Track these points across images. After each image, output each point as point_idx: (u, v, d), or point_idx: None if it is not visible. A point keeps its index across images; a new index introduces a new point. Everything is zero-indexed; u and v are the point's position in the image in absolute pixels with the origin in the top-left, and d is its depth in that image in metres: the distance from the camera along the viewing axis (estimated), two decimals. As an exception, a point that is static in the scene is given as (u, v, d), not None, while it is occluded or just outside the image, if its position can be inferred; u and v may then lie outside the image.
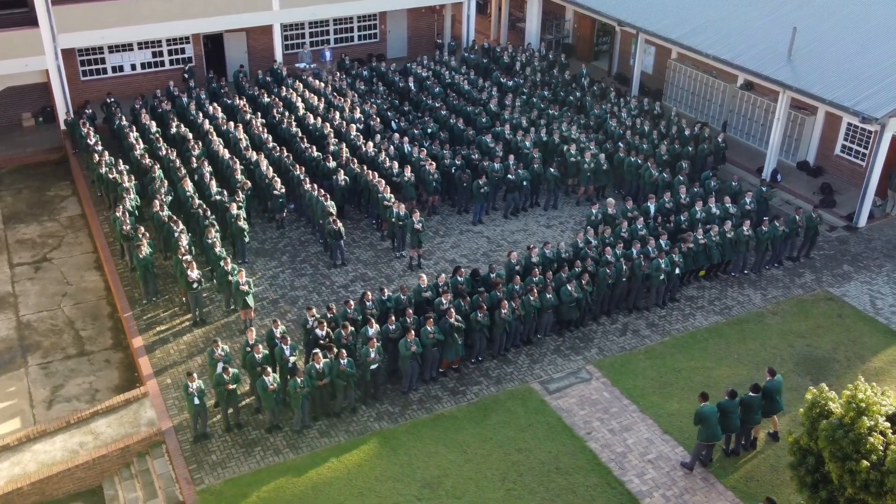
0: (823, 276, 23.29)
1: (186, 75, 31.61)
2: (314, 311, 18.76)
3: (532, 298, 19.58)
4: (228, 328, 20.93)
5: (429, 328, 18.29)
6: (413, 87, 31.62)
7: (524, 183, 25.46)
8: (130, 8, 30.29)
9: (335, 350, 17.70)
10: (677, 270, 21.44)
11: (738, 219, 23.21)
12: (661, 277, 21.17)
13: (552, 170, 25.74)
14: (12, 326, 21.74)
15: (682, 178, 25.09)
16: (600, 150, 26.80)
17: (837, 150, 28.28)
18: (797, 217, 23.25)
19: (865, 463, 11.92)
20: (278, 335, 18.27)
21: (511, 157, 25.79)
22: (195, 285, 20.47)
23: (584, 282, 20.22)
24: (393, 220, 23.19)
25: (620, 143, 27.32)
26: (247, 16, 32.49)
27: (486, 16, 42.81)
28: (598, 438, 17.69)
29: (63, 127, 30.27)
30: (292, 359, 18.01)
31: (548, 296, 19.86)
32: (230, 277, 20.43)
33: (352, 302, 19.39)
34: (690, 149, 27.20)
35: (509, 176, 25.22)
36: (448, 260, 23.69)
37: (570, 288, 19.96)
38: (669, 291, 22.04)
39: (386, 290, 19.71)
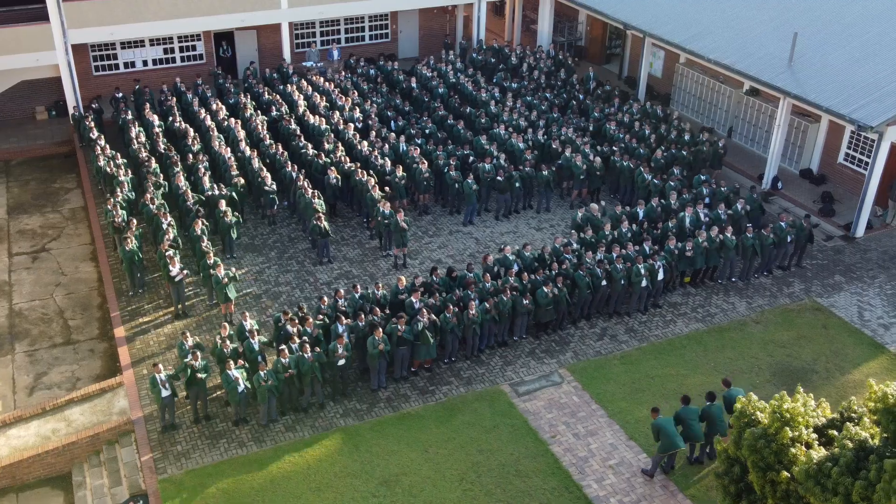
0: (813, 286, 22.91)
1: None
2: (289, 313, 18.99)
3: (505, 298, 19.57)
4: (210, 321, 21.24)
5: (399, 327, 18.39)
6: (415, 88, 31.70)
7: (516, 184, 25.41)
8: (139, 4, 30.86)
9: (298, 340, 17.90)
10: (660, 276, 21.27)
11: (726, 223, 22.95)
12: (644, 284, 21.02)
13: (544, 172, 25.65)
14: (4, 314, 22.28)
15: (672, 183, 24.81)
16: (597, 153, 26.65)
17: (840, 159, 27.79)
18: (784, 225, 22.86)
19: (786, 474, 11.74)
20: (248, 328, 18.52)
21: (503, 157, 25.75)
22: (177, 278, 20.82)
23: (559, 283, 20.15)
24: (379, 218, 23.33)
25: (616, 148, 27.13)
26: (255, 14, 32.84)
27: (502, 17, 42.81)
28: (562, 442, 17.63)
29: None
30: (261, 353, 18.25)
31: (524, 301, 19.84)
32: (211, 271, 20.75)
33: (326, 298, 19.60)
34: (686, 153, 26.89)
35: (498, 178, 25.18)
36: (434, 260, 23.76)
37: (546, 290, 19.92)
38: (652, 297, 21.87)
39: (359, 287, 19.85)
